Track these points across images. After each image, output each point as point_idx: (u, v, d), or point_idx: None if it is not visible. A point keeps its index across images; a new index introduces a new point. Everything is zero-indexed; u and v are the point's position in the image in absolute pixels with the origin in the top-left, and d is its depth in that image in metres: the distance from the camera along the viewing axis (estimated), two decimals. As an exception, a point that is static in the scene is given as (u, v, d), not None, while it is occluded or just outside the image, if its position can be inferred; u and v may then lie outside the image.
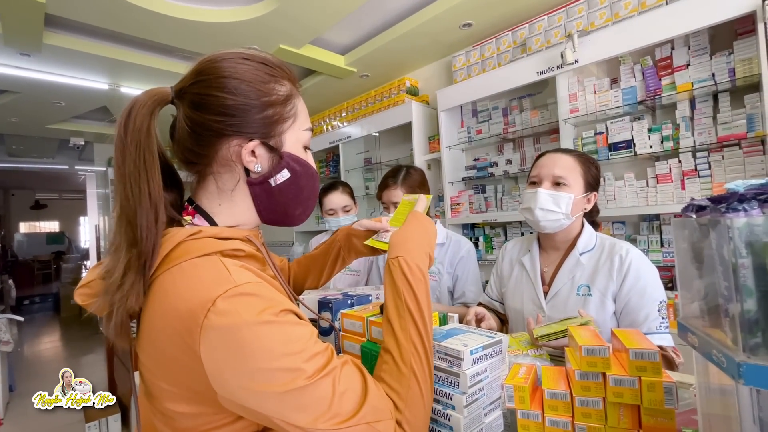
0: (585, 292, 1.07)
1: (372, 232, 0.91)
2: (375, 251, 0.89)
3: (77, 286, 0.57)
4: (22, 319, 3.47)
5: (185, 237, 0.51)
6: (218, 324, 0.44)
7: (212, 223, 0.58)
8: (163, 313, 0.48)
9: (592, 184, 1.12)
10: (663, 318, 0.98)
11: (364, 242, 0.88)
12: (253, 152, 0.56)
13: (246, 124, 0.54)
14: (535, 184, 1.13)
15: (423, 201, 0.79)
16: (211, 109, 0.53)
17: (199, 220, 0.58)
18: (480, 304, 1.40)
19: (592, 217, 1.21)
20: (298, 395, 0.45)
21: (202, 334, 0.44)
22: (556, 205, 1.07)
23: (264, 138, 0.56)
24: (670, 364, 0.95)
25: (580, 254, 1.11)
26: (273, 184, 0.58)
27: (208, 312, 0.44)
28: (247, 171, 0.57)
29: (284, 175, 0.58)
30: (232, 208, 0.59)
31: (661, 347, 0.95)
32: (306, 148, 0.62)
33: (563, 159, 1.11)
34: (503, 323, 1.32)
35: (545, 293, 1.15)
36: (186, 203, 0.60)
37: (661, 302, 1.00)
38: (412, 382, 0.53)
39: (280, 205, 0.60)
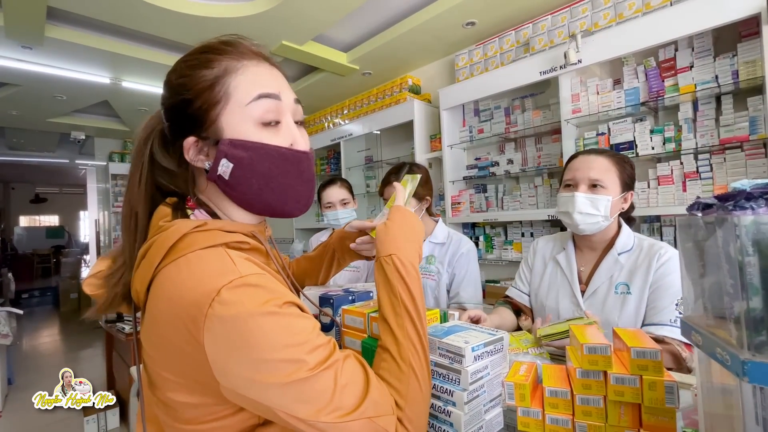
0: (624, 290, 1.07)
1: (364, 233, 0.91)
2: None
3: (87, 275, 0.60)
4: (21, 312, 3.47)
5: (191, 229, 0.51)
6: (222, 314, 0.45)
7: (213, 215, 0.58)
8: (168, 303, 0.48)
9: (629, 183, 1.12)
10: (680, 313, 0.99)
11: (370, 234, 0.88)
12: (199, 149, 0.54)
13: (183, 121, 0.54)
14: (569, 187, 1.13)
15: (402, 192, 0.76)
16: (165, 115, 0.56)
17: (200, 212, 0.58)
18: (506, 296, 1.38)
19: (627, 213, 1.20)
20: (300, 387, 0.45)
21: (206, 323, 0.45)
22: (594, 208, 1.07)
23: (198, 132, 0.53)
24: (678, 362, 0.94)
25: (619, 254, 1.11)
26: (226, 177, 0.53)
27: (213, 302, 0.45)
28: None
29: (226, 165, 0.52)
30: (218, 205, 0.58)
31: (666, 341, 0.95)
32: (268, 123, 0.54)
33: (598, 161, 1.10)
34: (518, 315, 1.32)
35: (582, 292, 1.15)
36: (188, 196, 0.60)
37: (681, 298, 1.00)
38: (412, 379, 0.53)
39: (249, 195, 0.55)
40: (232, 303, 0.45)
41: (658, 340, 0.93)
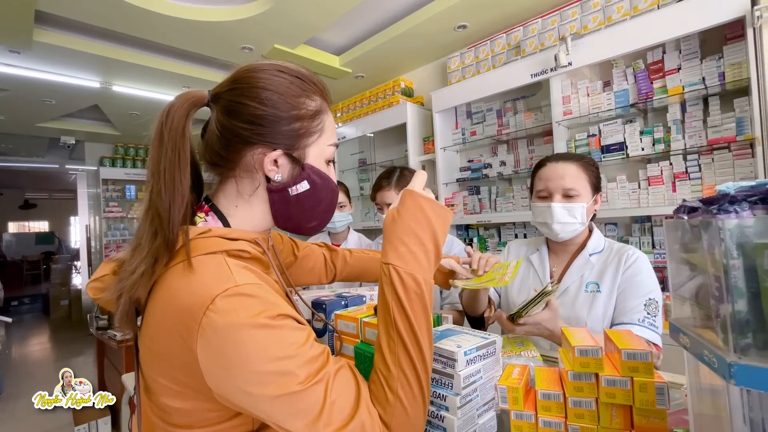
0: (594, 289, 1.10)
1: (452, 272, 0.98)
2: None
3: (90, 279, 0.60)
4: (10, 320, 3.41)
5: (195, 235, 0.52)
6: (216, 323, 0.45)
7: (225, 223, 0.59)
8: (164, 308, 0.49)
9: (597, 185, 1.14)
10: (648, 314, 1.00)
11: (460, 285, 0.95)
12: (275, 161, 0.57)
13: (273, 134, 0.56)
14: (544, 198, 1.13)
15: (421, 175, 0.63)
16: (241, 116, 0.55)
17: (212, 218, 0.59)
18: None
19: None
20: (290, 400, 0.44)
21: (199, 332, 0.45)
22: (571, 216, 1.09)
23: (288, 149, 0.57)
24: None
25: (590, 255, 1.14)
26: (291, 194, 0.59)
27: (207, 310, 0.45)
28: (268, 178, 0.58)
29: (303, 186, 0.59)
30: (247, 211, 0.60)
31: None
32: (329, 162, 0.63)
33: (569, 169, 1.11)
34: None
35: None
36: (202, 201, 0.61)
37: (650, 299, 1.02)
38: (398, 409, 0.50)
39: (296, 214, 0.61)
40: (225, 312, 0.45)
41: None
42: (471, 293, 1.16)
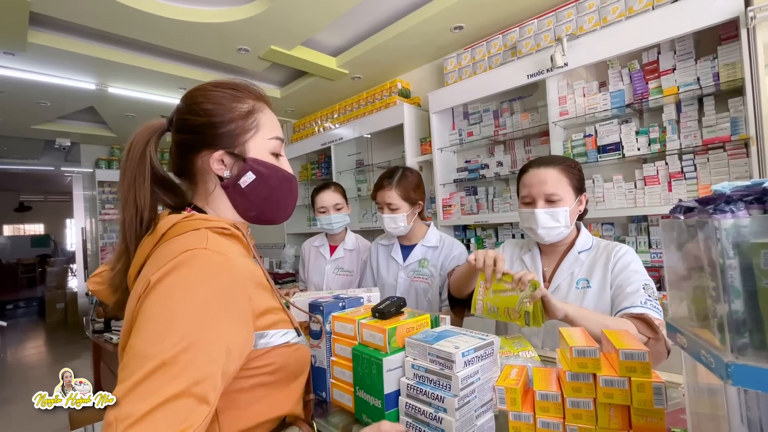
0: (584, 285, 1.12)
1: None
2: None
3: (91, 274, 0.74)
4: (5, 324, 3.38)
5: (180, 219, 0.60)
6: (181, 264, 0.52)
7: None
8: (146, 271, 0.56)
9: (580, 187, 1.16)
10: (649, 297, 1.01)
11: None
12: (222, 161, 0.66)
13: (211, 137, 0.65)
14: (528, 204, 1.16)
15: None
16: (186, 129, 0.66)
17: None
18: None
19: (582, 214, 1.24)
20: (149, 372, 0.43)
21: (163, 267, 0.51)
22: (555, 220, 1.12)
23: (228, 148, 0.66)
24: (653, 330, 0.94)
25: (579, 252, 1.16)
26: (243, 186, 0.67)
27: (179, 255, 0.52)
28: (221, 178, 0.67)
29: (250, 177, 0.67)
30: (215, 208, 0.69)
31: (643, 316, 0.96)
32: (276, 154, 0.71)
33: (550, 174, 1.13)
34: None
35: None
36: (187, 206, 0.70)
37: (646, 284, 1.04)
38: None
39: (254, 203, 0.69)
40: (189, 263, 0.52)
41: (636, 316, 0.96)
42: (462, 275, 1.18)
